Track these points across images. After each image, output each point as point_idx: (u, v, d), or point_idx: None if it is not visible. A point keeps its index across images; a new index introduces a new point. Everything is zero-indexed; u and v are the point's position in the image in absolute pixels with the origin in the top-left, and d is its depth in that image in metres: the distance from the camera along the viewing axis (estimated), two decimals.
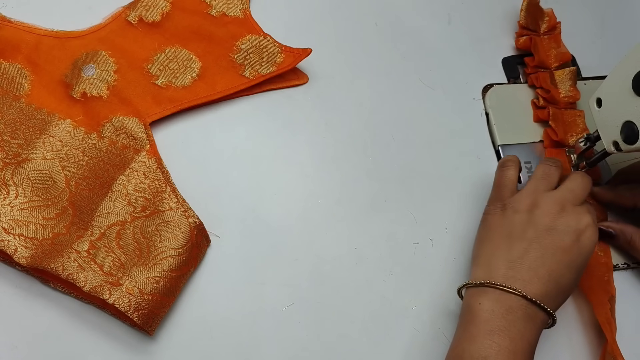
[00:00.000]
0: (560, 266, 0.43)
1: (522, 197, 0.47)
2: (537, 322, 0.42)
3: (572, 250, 0.44)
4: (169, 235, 0.45)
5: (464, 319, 0.44)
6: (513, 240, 0.45)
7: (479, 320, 0.42)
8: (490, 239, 0.47)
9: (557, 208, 0.45)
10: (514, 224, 0.46)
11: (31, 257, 0.43)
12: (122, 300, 0.42)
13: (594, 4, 0.66)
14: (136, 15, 0.54)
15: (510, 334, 0.41)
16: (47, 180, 0.46)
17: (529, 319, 0.42)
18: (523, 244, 0.44)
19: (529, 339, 0.42)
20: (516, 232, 0.45)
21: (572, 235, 0.44)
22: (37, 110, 0.49)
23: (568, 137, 0.56)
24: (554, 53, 0.58)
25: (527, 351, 0.41)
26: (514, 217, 0.46)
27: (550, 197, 0.46)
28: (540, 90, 0.58)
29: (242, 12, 0.56)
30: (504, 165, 0.50)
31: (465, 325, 0.43)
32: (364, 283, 0.49)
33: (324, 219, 0.51)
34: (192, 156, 0.51)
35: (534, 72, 0.59)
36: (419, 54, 0.60)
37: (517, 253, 0.44)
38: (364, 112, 0.56)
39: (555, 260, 0.43)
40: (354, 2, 0.61)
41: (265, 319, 0.47)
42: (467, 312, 0.44)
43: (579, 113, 0.56)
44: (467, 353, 0.41)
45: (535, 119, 0.58)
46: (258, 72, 0.54)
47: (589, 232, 0.45)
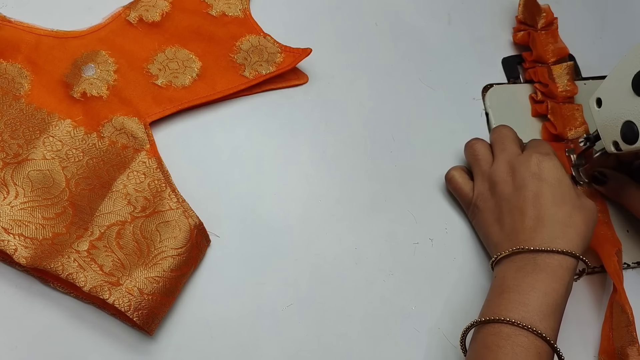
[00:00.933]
0: (546, 209, 0.45)
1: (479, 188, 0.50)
2: (549, 271, 0.42)
3: (542, 191, 0.46)
4: (169, 235, 0.45)
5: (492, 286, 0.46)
6: (500, 221, 0.48)
7: (493, 287, 0.45)
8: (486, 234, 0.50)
9: (507, 171, 0.48)
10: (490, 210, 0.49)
11: (31, 257, 0.43)
12: (122, 300, 0.42)
13: (594, 4, 0.66)
14: (136, 15, 0.54)
15: (519, 288, 0.42)
16: (47, 180, 0.46)
17: (539, 270, 0.42)
18: (507, 217, 0.47)
19: (543, 289, 0.42)
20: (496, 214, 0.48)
21: (532, 180, 0.46)
22: (37, 110, 0.49)
23: (566, 131, 0.56)
24: (552, 48, 0.59)
25: (543, 300, 0.41)
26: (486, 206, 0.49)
27: (495, 167, 0.49)
28: (538, 85, 0.58)
29: (242, 12, 0.56)
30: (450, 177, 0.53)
31: (486, 298, 0.45)
32: (364, 283, 0.49)
33: (324, 219, 0.51)
34: (192, 156, 0.51)
35: (532, 67, 0.59)
36: (419, 54, 0.60)
37: (509, 226, 0.46)
38: (364, 112, 0.56)
39: (538, 208, 0.45)
40: (354, 2, 0.61)
41: (265, 319, 0.47)
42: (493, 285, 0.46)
43: (577, 107, 0.57)
44: (483, 316, 0.43)
45: (533, 113, 0.58)
46: (258, 72, 0.54)
47: (544, 165, 0.47)
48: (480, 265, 0.51)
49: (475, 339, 0.43)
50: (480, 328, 0.43)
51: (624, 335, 0.48)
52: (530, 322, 0.40)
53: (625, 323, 0.48)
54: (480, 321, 0.42)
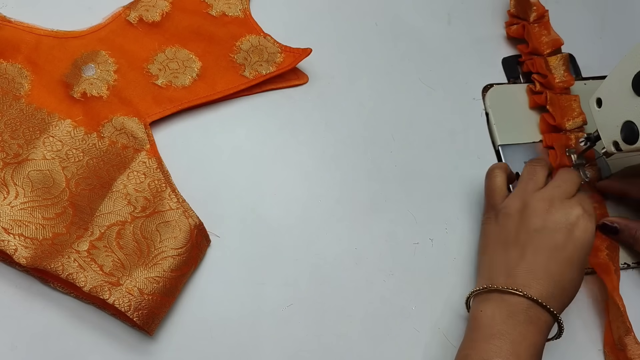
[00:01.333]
0: (557, 264, 0.43)
1: (511, 200, 0.47)
2: (539, 325, 0.42)
3: (566, 246, 0.43)
4: (169, 235, 0.45)
5: (468, 327, 0.44)
6: (508, 246, 0.45)
7: (480, 326, 0.42)
8: (488, 247, 0.47)
9: (545, 206, 0.45)
10: (507, 229, 0.46)
11: (31, 257, 0.43)
12: (122, 300, 0.42)
13: (594, 4, 0.66)
14: (136, 15, 0.54)
15: (511, 337, 0.41)
16: (47, 180, 0.46)
17: (530, 322, 0.41)
18: (517, 248, 0.44)
19: (533, 342, 0.41)
20: (510, 237, 0.45)
21: (563, 231, 0.44)
22: (37, 110, 0.49)
23: (565, 122, 0.56)
24: (546, 40, 0.59)
25: (531, 353, 0.41)
26: (506, 222, 0.46)
27: (538, 196, 0.46)
28: (537, 76, 0.58)
29: (242, 12, 0.56)
30: (491, 173, 0.50)
31: (469, 333, 0.43)
32: (364, 283, 0.49)
33: (324, 219, 0.51)
34: (192, 156, 0.51)
35: (529, 59, 0.59)
36: (419, 54, 0.60)
37: (514, 259, 0.44)
38: (364, 112, 0.56)
39: (552, 259, 0.43)
40: (354, 2, 0.61)
41: (265, 319, 0.47)
42: (471, 321, 0.44)
43: (574, 98, 0.57)
44: (469, 358, 0.41)
45: (531, 104, 0.58)
46: (258, 72, 0.54)
47: (582, 224, 0.44)
48: None
49: None
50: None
51: (620, 325, 0.48)
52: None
53: (619, 314, 0.48)
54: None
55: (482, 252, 0.49)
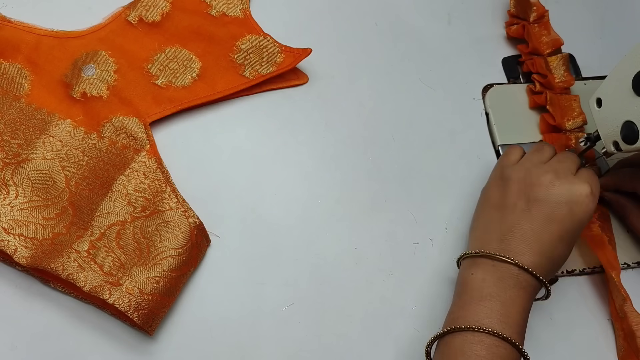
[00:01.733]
0: (552, 237, 0.44)
1: (516, 167, 0.48)
2: (528, 290, 0.43)
3: (564, 221, 0.44)
4: (169, 235, 0.45)
5: (458, 289, 0.45)
6: (505, 212, 0.45)
7: (471, 288, 0.43)
8: (485, 210, 0.48)
9: (550, 177, 0.45)
10: (507, 194, 0.46)
11: (31, 257, 0.43)
12: (122, 300, 0.42)
13: (594, 4, 0.66)
14: (136, 15, 0.54)
15: (501, 299, 0.41)
16: (47, 180, 0.46)
17: (520, 287, 0.42)
18: (514, 215, 0.45)
19: (522, 305, 0.42)
20: (509, 203, 0.46)
21: (564, 205, 0.44)
22: (37, 110, 0.49)
23: (565, 122, 0.56)
24: (546, 40, 0.59)
25: (520, 316, 0.41)
26: (507, 187, 0.46)
27: (542, 167, 0.46)
28: (537, 76, 0.58)
29: (242, 12, 0.56)
30: (508, 150, 0.50)
31: (459, 295, 0.44)
32: (364, 283, 0.49)
33: (324, 219, 0.51)
34: (192, 156, 0.51)
35: (529, 59, 0.60)
36: (419, 54, 0.60)
37: (509, 224, 0.44)
38: (364, 112, 0.56)
39: (546, 231, 0.44)
40: (354, 2, 0.61)
41: (265, 319, 0.47)
42: (461, 283, 0.44)
43: (574, 98, 0.57)
44: (461, 319, 0.42)
45: (531, 104, 0.58)
46: (258, 72, 0.54)
47: (585, 203, 0.44)
48: None
49: (450, 344, 0.41)
50: (457, 333, 0.41)
51: (618, 295, 0.50)
52: (510, 335, 0.40)
53: (615, 284, 0.50)
54: (461, 328, 0.41)
55: (478, 212, 0.49)
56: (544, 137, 0.57)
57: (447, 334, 0.42)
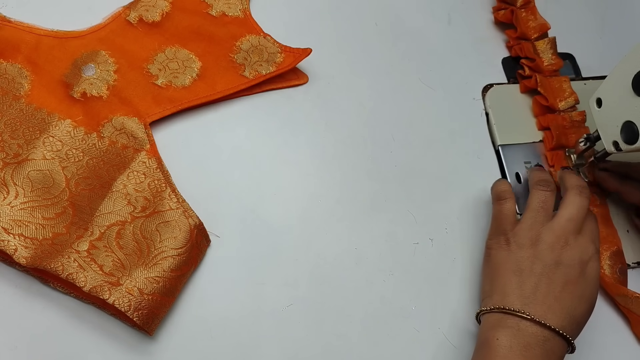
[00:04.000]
0: (572, 298, 0.44)
1: (523, 231, 0.47)
2: (554, 359, 0.42)
3: (579, 282, 0.44)
4: (169, 235, 0.45)
5: (480, 352, 0.43)
6: (523, 276, 0.45)
7: (496, 355, 0.42)
8: (500, 274, 0.46)
9: (560, 242, 0.45)
10: (521, 259, 0.45)
11: (31, 257, 0.43)
12: (122, 300, 0.42)
13: (594, 4, 0.66)
14: (136, 15, 0.54)
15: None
16: (47, 180, 0.46)
17: (547, 356, 0.41)
18: (533, 279, 0.44)
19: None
20: (525, 268, 0.45)
21: (577, 267, 0.45)
22: (37, 110, 0.49)
23: (557, 102, 0.57)
24: (532, 25, 0.60)
25: None
26: (519, 253, 0.46)
27: (551, 230, 0.46)
28: (525, 60, 0.59)
29: (242, 12, 0.56)
30: (500, 198, 0.49)
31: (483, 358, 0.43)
32: (364, 283, 0.49)
33: (324, 219, 0.51)
34: (192, 156, 0.51)
35: (517, 44, 0.60)
36: (419, 54, 0.60)
37: (529, 289, 0.44)
38: (364, 112, 0.56)
39: (567, 293, 0.44)
40: (354, 2, 0.61)
41: (265, 319, 0.47)
42: (484, 346, 0.43)
43: (564, 79, 0.58)
44: None
45: (522, 89, 0.59)
46: (258, 72, 0.54)
47: (593, 262, 0.46)
48: (480, 266, 0.51)
49: None
50: None
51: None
52: None
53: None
54: None
55: (490, 277, 0.47)
56: (539, 119, 0.58)
57: None
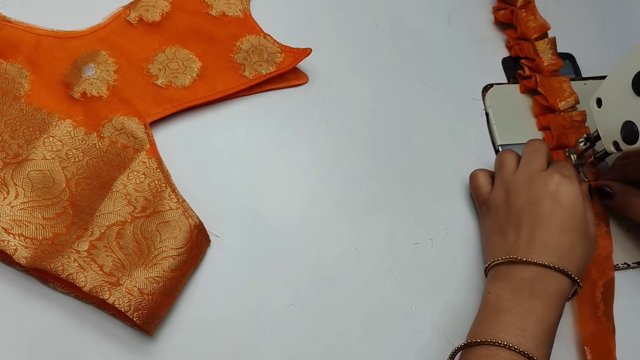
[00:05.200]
0: (551, 233, 0.44)
1: (495, 192, 0.50)
2: (547, 298, 0.42)
3: (554, 213, 0.45)
4: (169, 235, 0.45)
5: (480, 306, 0.45)
6: (503, 230, 0.47)
7: (487, 304, 0.44)
8: (488, 239, 0.49)
9: (524, 184, 0.47)
10: (498, 216, 0.48)
11: (31, 257, 0.43)
12: (122, 300, 0.42)
13: (594, 4, 0.66)
14: (136, 15, 0.54)
15: (516, 311, 0.42)
16: (47, 180, 0.46)
17: (537, 296, 0.42)
18: (512, 230, 0.46)
19: (540, 315, 0.41)
20: (502, 222, 0.47)
21: (546, 200, 0.45)
22: (37, 110, 0.49)
23: (557, 102, 0.57)
24: (532, 25, 0.60)
25: (538, 327, 0.41)
26: (496, 212, 0.48)
27: (515, 177, 0.48)
28: (525, 60, 0.59)
29: (242, 12, 0.56)
30: (472, 174, 0.53)
31: (478, 313, 0.45)
32: (364, 283, 0.49)
33: (324, 219, 0.51)
34: (192, 156, 0.51)
35: (517, 44, 0.60)
36: (419, 54, 0.60)
37: (511, 240, 0.46)
38: (364, 112, 0.56)
39: (545, 230, 0.44)
40: (354, 2, 0.61)
41: (265, 319, 0.47)
42: (482, 300, 0.45)
43: (564, 79, 0.58)
44: (478, 335, 0.42)
45: (522, 89, 0.59)
46: (258, 72, 0.54)
47: (563, 189, 0.45)
48: (480, 266, 0.51)
49: (467, 358, 0.42)
50: (473, 348, 0.42)
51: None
52: (527, 349, 0.40)
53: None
54: (477, 342, 0.41)
55: (483, 246, 0.51)
56: (539, 119, 0.58)
57: (465, 348, 0.42)
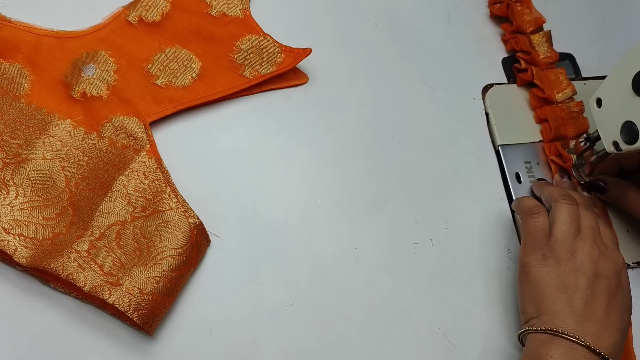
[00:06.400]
0: (616, 310, 0.44)
1: (559, 245, 0.46)
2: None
3: (619, 292, 0.45)
4: (169, 235, 0.45)
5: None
6: (569, 292, 0.44)
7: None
8: (544, 293, 0.45)
9: (595, 252, 0.46)
10: (563, 274, 0.45)
11: (31, 257, 0.43)
12: (122, 300, 0.42)
13: (594, 4, 0.66)
14: (136, 15, 0.54)
15: None
16: (47, 180, 0.46)
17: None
18: (580, 294, 0.44)
19: None
20: (569, 283, 0.44)
21: (615, 277, 0.45)
22: (37, 110, 0.49)
23: (554, 94, 0.57)
24: (528, 18, 0.60)
25: None
26: (560, 267, 0.45)
27: (584, 241, 0.46)
28: (521, 54, 0.59)
29: (242, 12, 0.56)
30: (532, 213, 0.48)
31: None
32: (364, 283, 0.49)
33: (324, 219, 0.51)
34: (192, 156, 0.51)
35: (512, 38, 0.61)
36: (419, 54, 0.60)
37: (579, 305, 0.43)
38: (364, 112, 0.56)
39: (613, 305, 0.44)
40: (353, 2, 0.61)
41: (265, 319, 0.47)
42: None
43: (560, 71, 0.58)
44: None
45: (519, 83, 0.59)
46: (258, 72, 0.54)
47: (625, 270, 0.47)
48: (480, 266, 0.51)
49: None
50: None
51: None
52: None
53: None
54: None
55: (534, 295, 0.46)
56: (536, 111, 0.58)
57: None
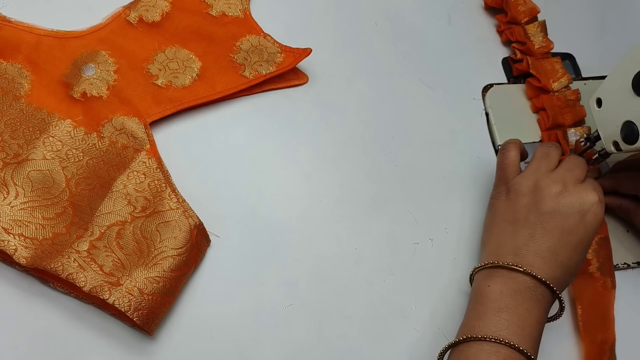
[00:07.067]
0: (566, 249, 0.44)
1: (523, 178, 0.47)
2: (543, 304, 0.43)
3: (577, 230, 0.44)
4: (169, 235, 0.45)
5: (473, 300, 0.44)
6: (518, 226, 0.45)
7: (487, 300, 0.43)
8: (497, 224, 0.47)
9: (558, 188, 0.45)
10: (517, 208, 0.46)
11: (31, 257, 0.43)
12: (122, 300, 0.42)
13: (594, 4, 0.66)
14: (136, 15, 0.54)
15: (517, 311, 0.42)
16: (47, 180, 0.46)
17: (536, 300, 0.42)
18: (527, 229, 0.45)
19: (537, 318, 0.42)
20: (520, 217, 0.45)
21: (575, 215, 0.44)
22: (37, 110, 0.49)
23: (550, 83, 0.57)
24: (522, 9, 0.60)
25: (535, 328, 0.42)
26: (517, 201, 0.46)
27: (551, 178, 0.46)
28: (516, 44, 0.60)
29: (242, 12, 0.56)
30: (505, 148, 0.50)
31: (475, 305, 0.44)
32: (364, 283, 0.49)
33: (324, 219, 0.51)
34: (192, 156, 0.51)
35: (507, 28, 0.61)
36: (419, 54, 0.60)
37: (523, 239, 0.44)
38: (364, 112, 0.56)
39: (561, 243, 0.44)
40: (353, 2, 0.61)
41: (265, 319, 0.47)
42: (476, 294, 0.44)
43: (556, 60, 0.58)
44: (477, 329, 0.42)
45: (515, 72, 0.60)
46: (258, 72, 0.54)
47: (594, 210, 0.45)
48: None
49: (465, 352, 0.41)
50: (472, 342, 0.41)
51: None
52: (526, 348, 0.40)
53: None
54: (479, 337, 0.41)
55: (488, 227, 0.48)
56: (533, 101, 0.58)
57: (462, 343, 0.42)
